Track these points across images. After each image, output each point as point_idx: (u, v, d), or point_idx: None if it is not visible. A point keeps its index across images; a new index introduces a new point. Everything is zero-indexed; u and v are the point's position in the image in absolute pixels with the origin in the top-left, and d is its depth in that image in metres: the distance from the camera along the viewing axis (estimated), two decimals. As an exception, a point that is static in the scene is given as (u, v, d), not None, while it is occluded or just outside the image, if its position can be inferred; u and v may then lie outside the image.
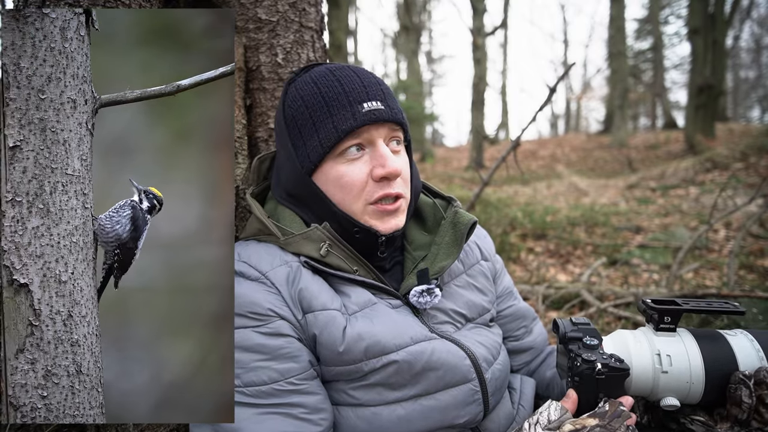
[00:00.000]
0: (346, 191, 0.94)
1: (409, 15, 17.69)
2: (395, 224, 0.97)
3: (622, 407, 0.77)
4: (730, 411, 0.81)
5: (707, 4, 12.76)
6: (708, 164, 9.42)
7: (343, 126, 0.91)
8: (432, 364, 0.90)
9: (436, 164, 15.57)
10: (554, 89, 3.50)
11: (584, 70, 36.73)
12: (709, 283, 3.68)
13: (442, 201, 1.10)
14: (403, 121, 0.98)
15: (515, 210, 6.88)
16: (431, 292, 0.95)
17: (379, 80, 0.99)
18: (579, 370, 0.83)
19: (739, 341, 0.85)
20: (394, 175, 0.93)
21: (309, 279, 0.90)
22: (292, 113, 0.97)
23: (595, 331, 0.89)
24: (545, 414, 0.79)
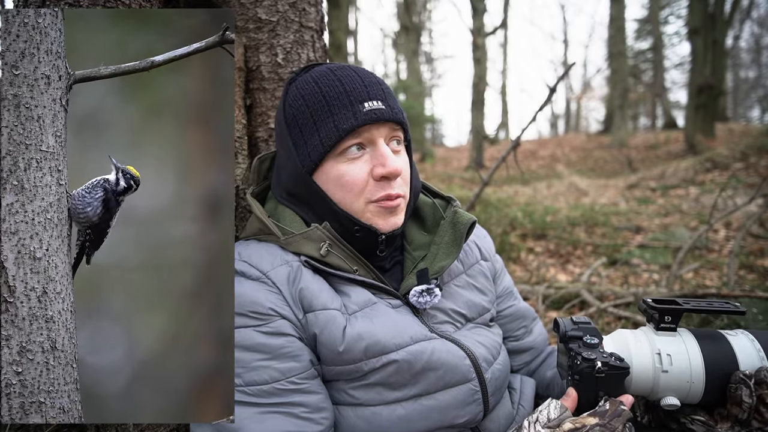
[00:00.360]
0: (346, 190, 0.94)
1: (409, 15, 17.70)
2: (394, 222, 0.97)
3: (623, 406, 0.77)
4: (730, 411, 0.81)
5: (707, 4, 12.76)
6: (708, 164, 9.42)
7: (344, 125, 0.91)
8: (432, 363, 0.90)
9: (436, 164, 15.57)
10: (554, 89, 3.50)
11: (584, 70, 36.78)
12: (709, 283, 3.68)
13: (441, 201, 1.10)
14: (404, 120, 0.98)
15: (515, 210, 6.88)
16: (431, 292, 0.95)
17: (379, 80, 0.99)
18: (579, 368, 0.83)
19: (740, 341, 0.85)
20: (394, 174, 0.93)
21: (309, 278, 0.91)
22: (292, 112, 0.97)
23: (596, 330, 0.89)
24: (545, 412, 0.79)
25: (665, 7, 21.99)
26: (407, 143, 1.03)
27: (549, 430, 0.75)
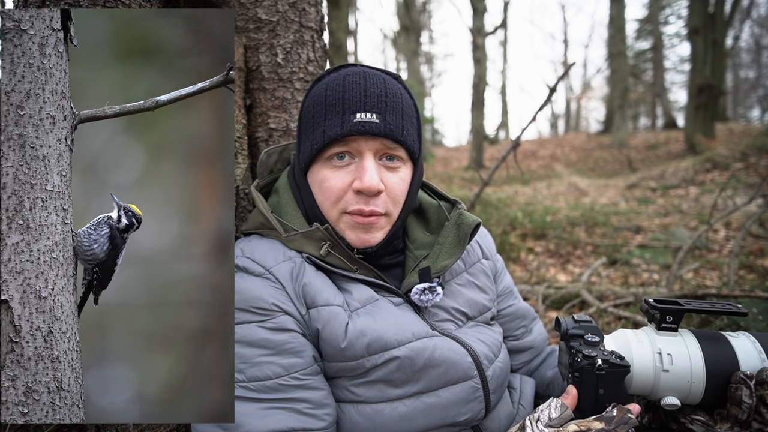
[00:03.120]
0: (324, 196, 0.95)
1: (409, 15, 17.69)
2: (367, 240, 0.96)
3: (630, 414, 0.77)
4: (730, 411, 0.81)
5: (707, 4, 12.76)
6: (708, 164, 9.42)
7: (330, 132, 0.92)
8: (434, 360, 0.90)
9: (435, 164, 15.57)
10: (554, 89, 3.50)
11: (584, 70, 36.79)
12: (709, 283, 3.68)
13: (446, 203, 1.10)
14: (402, 138, 0.94)
15: (515, 210, 6.88)
16: (433, 290, 0.95)
17: (390, 92, 0.95)
18: (579, 366, 0.83)
19: (741, 342, 0.85)
20: (369, 191, 0.92)
21: (312, 274, 0.91)
22: (304, 110, 1.00)
23: (597, 329, 0.90)
24: (546, 412, 0.79)
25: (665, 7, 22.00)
26: (415, 161, 1.01)
27: (552, 429, 0.75)
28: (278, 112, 1.34)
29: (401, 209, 0.99)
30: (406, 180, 0.99)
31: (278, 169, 1.15)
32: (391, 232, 0.99)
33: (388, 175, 0.95)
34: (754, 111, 31.33)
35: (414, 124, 0.99)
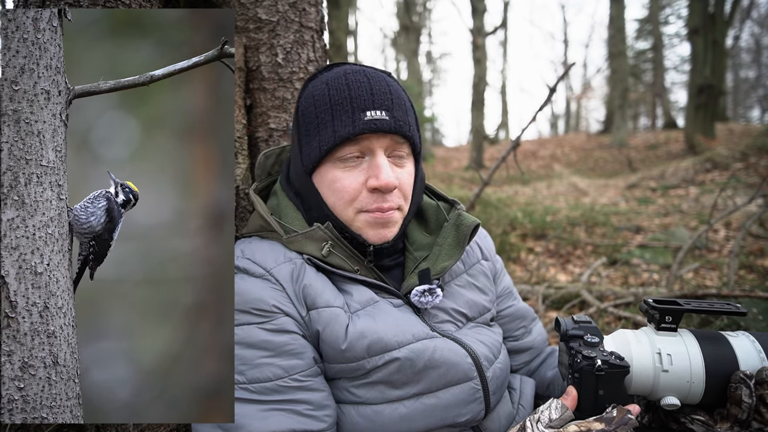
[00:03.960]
0: (338, 196, 0.95)
1: (409, 14, 17.69)
2: (384, 235, 0.97)
3: (630, 415, 0.77)
4: (730, 411, 0.81)
5: (707, 4, 12.76)
6: (708, 164, 9.42)
7: (341, 132, 0.91)
8: (434, 362, 0.90)
9: (435, 164, 15.57)
10: (554, 89, 3.50)
11: (584, 70, 36.78)
12: (709, 283, 3.68)
13: (445, 204, 1.10)
14: (410, 134, 0.96)
15: (515, 210, 6.87)
16: (432, 292, 0.95)
17: (392, 89, 0.96)
18: (579, 367, 0.83)
19: (741, 342, 0.85)
20: (387, 188, 0.92)
21: (313, 276, 0.91)
22: (302, 111, 0.98)
23: (597, 329, 0.90)
24: (546, 412, 0.79)
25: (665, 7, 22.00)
26: (417, 155, 1.02)
27: (552, 430, 0.75)
28: (278, 112, 1.34)
29: (410, 204, 1.01)
30: (412, 174, 1.01)
31: (276, 171, 1.15)
32: (403, 226, 1.00)
33: (398, 171, 0.96)
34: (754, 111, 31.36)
35: (414, 119, 1.00)
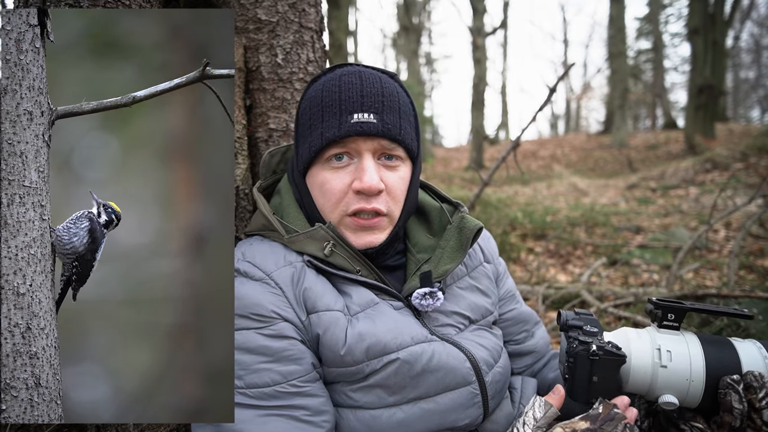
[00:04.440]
0: (326, 198, 0.95)
1: (409, 15, 17.69)
2: (369, 241, 0.96)
3: (616, 410, 0.75)
4: (723, 418, 0.79)
5: (707, 4, 12.76)
6: (708, 164, 9.42)
7: (327, 134, 0.92)
8: (431, 366, 0.89)
9: (435, 164, 15.57)
10: (554, 89, 3.50)
11: (584, 70, 36.78)
12: (709, 283, 3.68)
13: (449, 206, 1.09)
14: (400, 137, 0.94)
15: (515, 210, 6.87)
16: (434, 295, 0.95)
17: (386, 91, 0.95)
18: (574, 351, 0.83)
19: (746, 346, 0.83)
20: (369, 191, 0.92)
21: (313, 279, 0.91)
22: (301, 112, 0.99)
23: (597, 322, 0.90)
24: (530, 413, 0.78)
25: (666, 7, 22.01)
26: (414, 159, 1.01)
27: (538, 429, 0.75)
28: (278, 113, 1.34)
29: (402, 209, 0.99)
30: (406, 179, 0.99)
31: (281, 170, 1.14)
32: (393, 232, 0.99)
33: (387, 174, 0.95)
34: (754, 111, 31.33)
35: (412, 123, 0.98)
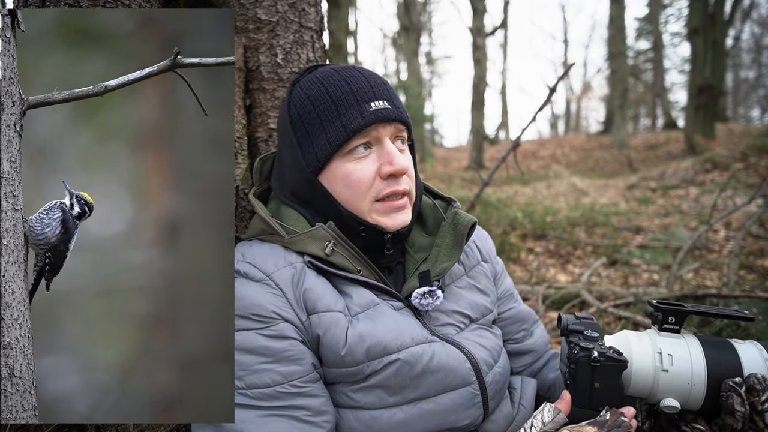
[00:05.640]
0: (353, 189, 0.94)
1: (409, 15, 17.69)
2: (402, 221, 0.98)
3: (623, 418, 0.76)
4: (725, 420, 0.78)
5: (707, 4, 12.76)
6: (708, 164, 9.42)
7: (351, 125, 0.92)
8: (432, 367, 0.89)
9: (435, 165, 15.58)
10: (554, 89, 3.50)
11: (584, 70, 36.80)
12: (709, 283, 3.68)
13: (441, 202, 1.10)
14: (408, 120, 0.99)
15: (515, 210, 6.87)
16: (433, 294, 0.95)
17: (383, 80, 1.00)
18: (575, 357, 0.82)
19: (747, 348, 0.83)
20: (401, 171, 0.95)
21: (313, 279, 0.91)
22: (298, 113, 0.98)
23: (597, 326, 0.89)
24: (539, 417, 0.78)
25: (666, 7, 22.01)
26: (411, 143, 1.04)
27: None
28: (278, 113, 1.34)
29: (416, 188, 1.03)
30: (411, 160, 1.03)
31: (273, 175, 1.14)
32: (415, 210, 1.03)
33: (403, 157, 0.98)
34: (754, 111, 31.35)
35: None
